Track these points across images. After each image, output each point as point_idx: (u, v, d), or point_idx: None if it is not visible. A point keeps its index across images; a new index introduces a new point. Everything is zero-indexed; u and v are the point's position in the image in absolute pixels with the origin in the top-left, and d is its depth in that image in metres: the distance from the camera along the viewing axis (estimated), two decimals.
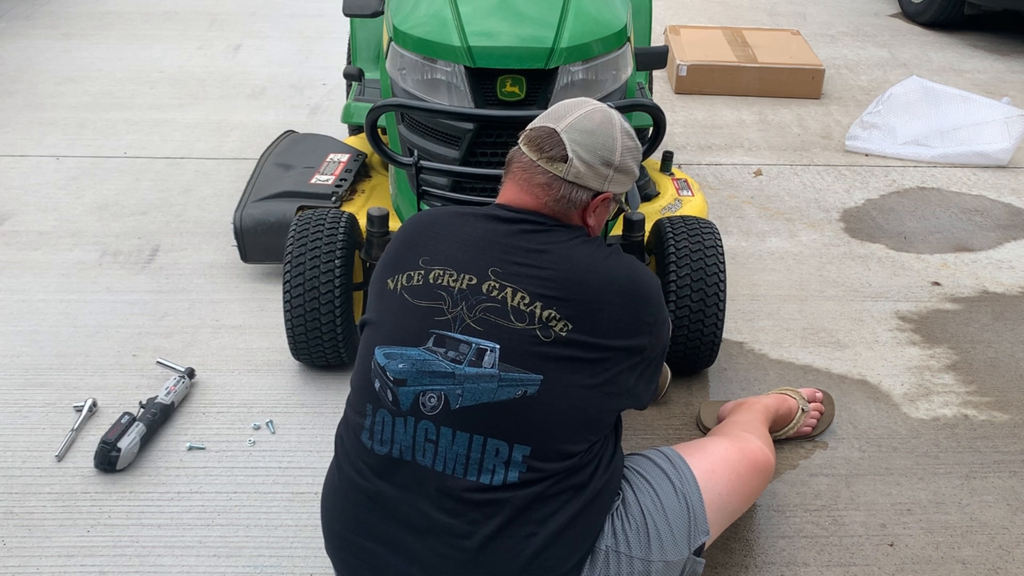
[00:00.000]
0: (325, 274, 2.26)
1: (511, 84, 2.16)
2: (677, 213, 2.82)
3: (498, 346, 1.49)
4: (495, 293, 1.52)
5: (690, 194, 2.92)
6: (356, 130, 3.44)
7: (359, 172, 2.95)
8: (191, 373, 2.40)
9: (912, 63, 5.03)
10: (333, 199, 2.76)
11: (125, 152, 3.73)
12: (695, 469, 1.68)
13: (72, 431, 2.22)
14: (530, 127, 1.66)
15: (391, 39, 2.32)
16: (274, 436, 2.26)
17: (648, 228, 2.50)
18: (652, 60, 2.72)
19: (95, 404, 2.31)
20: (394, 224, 2.46)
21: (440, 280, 1.55)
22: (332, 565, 1.66)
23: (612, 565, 1.54)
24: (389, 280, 1.61)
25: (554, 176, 1.60)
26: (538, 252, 1.56)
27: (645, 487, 1.65)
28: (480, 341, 1.49)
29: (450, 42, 2.14)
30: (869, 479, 2.18)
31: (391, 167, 2.71)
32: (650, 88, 3.43)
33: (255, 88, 4.43)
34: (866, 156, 3.90)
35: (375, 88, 2.99)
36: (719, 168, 3.76)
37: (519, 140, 1.66)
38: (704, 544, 1.63)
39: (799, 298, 2.89)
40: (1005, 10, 5.33)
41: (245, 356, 2.54)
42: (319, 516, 1.99)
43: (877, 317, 2.80)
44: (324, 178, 2.86)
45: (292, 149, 3.08)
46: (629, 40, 2.33)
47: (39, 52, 4.82)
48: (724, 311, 2.31)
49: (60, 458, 2.16)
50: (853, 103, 4.45)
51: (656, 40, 4.73)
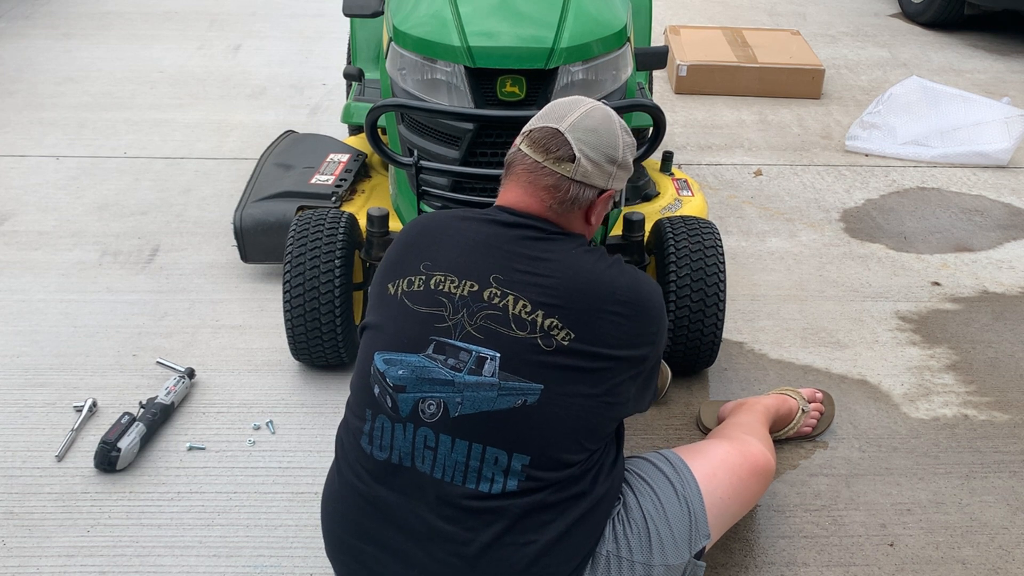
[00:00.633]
0: (325, 274, 2.26)
1: (511, 84, 2.16)
2: (677, 213, 2.82)
3: (498, 354, 1.48)
4: (496, 301, 1.51)
5: (690, 194, 2.92)
6: (356, 130, 3.44)
7: (359, 172, 2.95)
8: (191, 373, 2.40)
9: (912, 63, 5.03)
10: (333, 199, 2.76)
11: (125, 152, 3.73)
12: (696, 472, 1.68)
13: (72, 431, 2.22)
14: (530, 128, 1.64)
15: (391, 39, 2.32)
16: (274, 436, 2.26)
17: (648, 228, 2.50)
18: (652, 60, 2.72)
19: (95, 404, 2.31)
20: (394, 224, 2.46)
21: (441, 286, 1.54)
22: (332, 568, 1.66)
23: (613, 570, 1.54)
24: (390, 285, 1.60)
25: (562, 176, 1.59)
26: (540, 260, 1.54)
27: (646, 490, 1.64)
28: (480, 349, 1.48)
29: (450, 42, 2.14)
30: (869, 479, 2.18)
31: (391, 167, 2.71)
32: (650, 88, 3.43)
33: (255, 88, 4.43)
34: (866, 156, 3.90)
35: (375, 88, 2.99)
36: (719, 168, 3.76)
37: (518, 143, 1.64)
38: (705, 547, 1.63)
39: (799, 298, 2.89)
40: (1005, 10, 5.33)
41: (245, 356, 2.54)
42: (319, 517, 1.99)
43: (877, 317, 2.80)
44: (324, 178, 2.86)
45: (292, 149, 3.08)
46: (629, 40, 2.33)
47: (39, 52, 4.82)
48: (724, 311, 2.30)
49: (60, 458, 2.16)
50: (853, 103, 4.45)
51: (656, 40, 4.73)
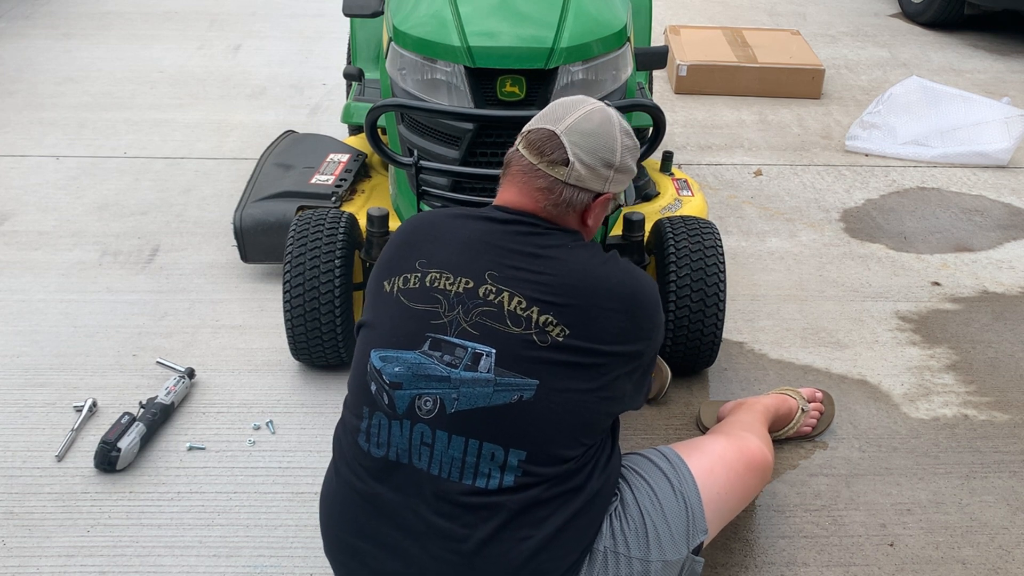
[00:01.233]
0: (325, 274, 2.26)
1: (511, 84, 2.16)
2: (677, 213, 2.82)
3: (494, 350, 1.48)
4: (492, 297, 1.51)
5: (690, 194, 2.92)
6: (356, 130, 3.44)
7: (359, 172, 2.95)
8: (191, 373, 2.40)
9: (912, 63, 5.03)
10: (333, 199, 2.76)
11: (125, 152, 3.73)
12: (693, 468, 1.68)
13: (72, 431, 2.22)
14: (528, 128, 1.63)
15: (391, 39, 2.32)
16: (274, 436, 2.26)
17: (648, 228, 2.50)
18: (652, 60, 2.72)
19: (95, 404, 2.31)
20: (394, 224, 2.46)
21: (437, 283, 1.54)
22: (331, 567, 1.66)
23: (611, 566, 1.54)
24: (385, 282, 1.60)
25: (555, 180, 1.58)
26: (535, 256, 1.54)
27: (643, 487, 1.64)
28: (476, 345, 1.49)
29: (450, 42, 2.14)
30: (869, 479, 2.18)
31: (391, 167, 2.71)
32: (650, 88, 3.43)
33: (255, 88, 4.43)
34: (866, 156, 3.90)
35: (375, 88, 2.99)
36: (719, 168, 3.76)
37: (517, 143, 1.64)
38: (703, 543, 1.63)
39: (799, 298, 2.89)
40: (1005, 10, 5.33)
41: (245, 356, 2.54)
42: (318, 517, 2.00)
43: (877, 317, 2.80)
44: (324, 178, 2.86)
45: (292, 149, 3.08)
46: (629, 40, 2.33)
47: (39, 52, 4.82)
48: (724, 311, 2.31)
49: (60, 458, 2.16)
50: (853, 103, 4.45)
51: (656, 40, 4.72)
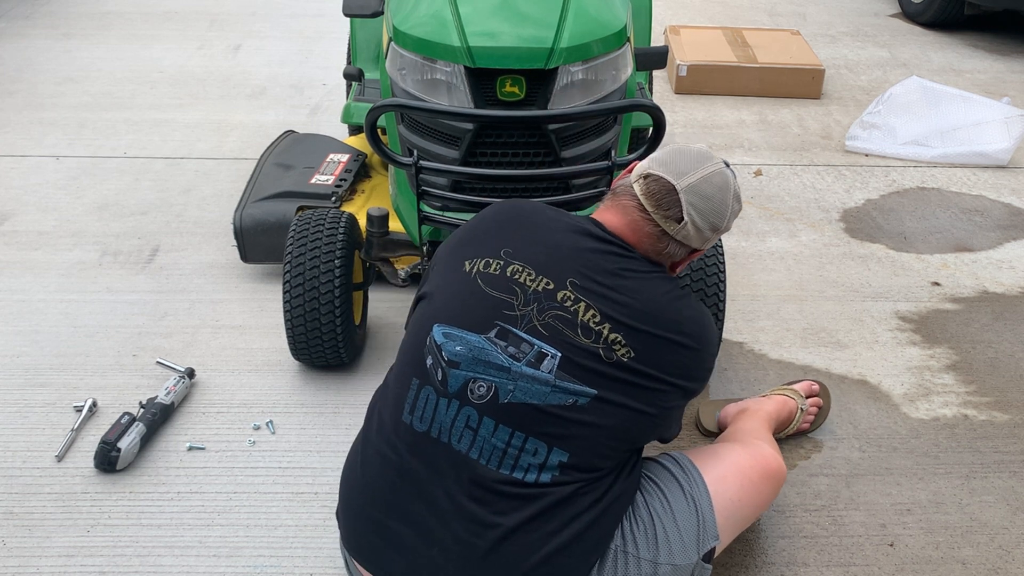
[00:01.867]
0: (325, 274, 2.26)
1: (511, 84, 2.16)
2: None
3: (560, 354, 1.50)
4: (568, 304, 1.53)
5: None
6: (356, 130, 3.44)
7: (359, 172, 2.95)
8: (191, 373, 2.40)
9: (912, 63, 5.03)
10: (333, 199, 2.76)
11: (125, 152, 3.73)
12: (706, 474, 1.69)
13: (72, 431, 2.22)
14: (647, 172, 1.65)
15: (391, 39, 2.31)
16: (274, 436, 2.26)
17: None
18: (652, 60, 2.72)
19: (95, 404, 2.31)
20: (394, 224, 2.46)
21: (518, 276, 1.56)
22: (342, 542, 1.63)
23: (620, 565, 1.55)
24: (467, 261, 1.61)
25: (664, 233, 1.63)
26: (618, 276, 1.58)
27: (654, 490, 1.65)
28: (543, 345, 1.51)
29: (450, 42, 2.14)
30: (869, 479, 2.18)
31: (391, 167, 2.71)
32: (650, 88, 3.43)
33: (255, 88, 4.43)
34: (866, 156, 3.90)
35: (375, 88, 2.99)
36: None
37: (632, 180, 1.66)
38: (714, 549, 1.63)
39: (799, 298, 2.89)
40: (1005, 10, 5.32)
41: (245, 356, 2.54)
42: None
43: (877, 317, 2.80)
44: (324, 178, 2.86)
45: (292, 149, 3.08)
46: (629, 40, 2.33)
47: (39, 52, 4.82)
48: (724, 311, 2.30)
49: (60, 458, 2.16)
50: (853, 103, 4.45)
51: (656, 40, 4.73)
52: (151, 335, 2.61)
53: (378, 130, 2.21)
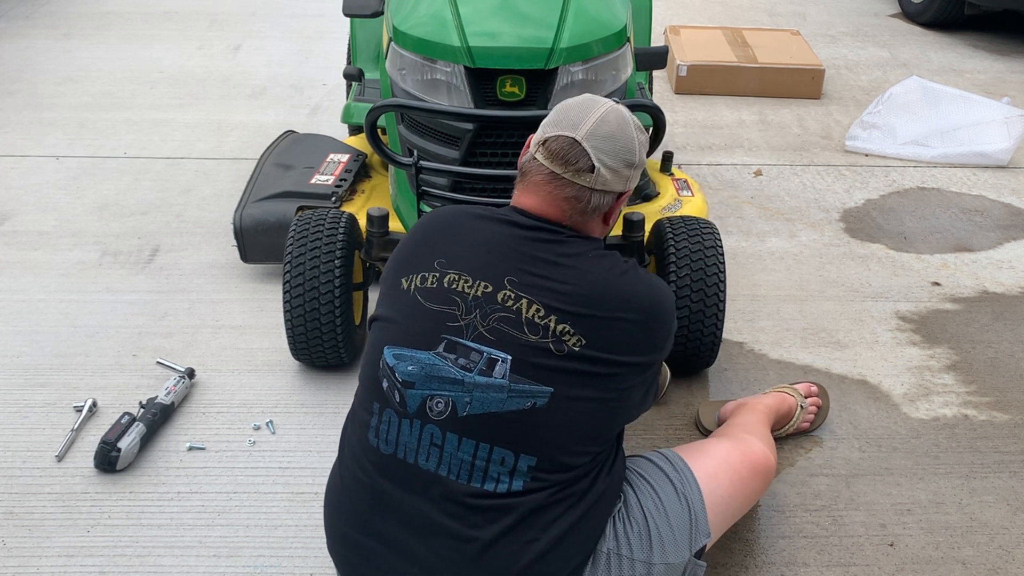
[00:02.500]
0: (325, 274, 2.26)
1: (511, 84, 2.16)
2: (677, 213, 2.82)
3: (510, 357, 1.48)
4: (510, 303, 1.51)
5: (690, 194, 2.92)
6: (356, 130, 3.44)
7: (359, 172, 2.95)
8: (191, 373, 2.40)
9: (912, 63, 5.03)
10: (333, 199, 2.76)
11: (125, 152, 3.73)
12: (696, 471, 1.68)
13: (72, 431, 2.22)
14: (544, 137, 1.60)
15: (391, 39, 2.32)
16: (274, 436, 2.26)
17: (648, 228, 2.50)
18: (652, 60, 2.72)
19: (95, 404, 2.31)
20: (394, 224, 2.46)
21: (455, 285, 1.54)
22: (333, 564, 1.66)
23: (614, 568, 1.54)
24: (403, 279, 1.59)
25: (582, 187, 1.58)
26: (555, 264, 1.54)
27: (646, 489, 1.64)
28: (492, 351, 1.49)
29: (450, 42, 2.14)
30: (869, 479, 2.18)
31: (391, 167, 2.71)
32: (650, 88, 3.43)
33: (255, 88, 4.43)
34: (866, 156, 3.90)
35: (375, 88, 2.99)
36: (719, 168, 3.76)
37: (533, 151, 1.62)
38: (705, 546, 1.63)
39: (799, 298, 2.89)
40: (1005, 10, 5.32)
41: (245, 356, 2.54)
42: (319, 516, 2.00)
43: (877, 317, 2.80)
44: (324, 178, 2.86)
45: (292, 149, 3.08)
46: (629, 40, 2.33)
47: (39, 52, 4.82)
48: (724, 311, 2.31)
49: (60, 458, 2.16)
50: (853, 103, 4.45)
51: (656, 40, 4.72)
52: (151, 335, 2.61)
53: (378, 130, 2.21)
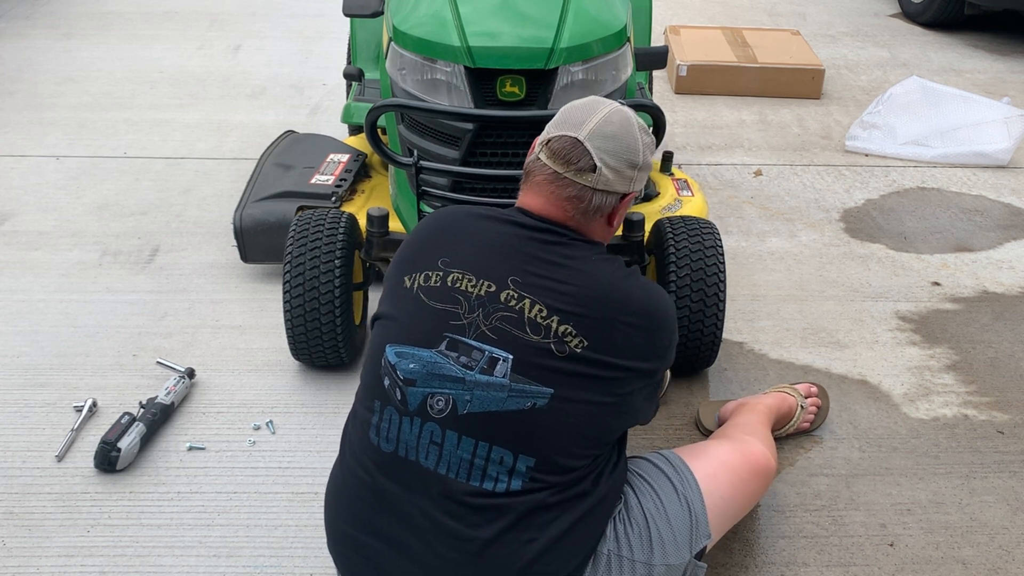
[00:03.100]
0: (325, 274, 2.26)
1: (511, 84, 2.16)
2: (677, 213, 2.82)
3: (511, 356, 1.48)
4: (513, 303, 1.51)
5: (690, 194, 2.92)
6: (356, 130, 3.44)
7: (359, 172, 2.95)
8: (191, 373, 2.40)
9: (912, 63, 5.03)
10: (333, 199, 2.76)
11: (125, 152, 3.73)
12: (697, 472, 1.68)
13: (72, 431, 2.22)
14: (548, 137, 1.61)
15: (391, 39, 2.32)
16: (274, 436, 2.26)
17: (648, 228, 2.50)
18: (652, 60, 2.72)
19: (95, 404, 2.31)
20: (394, 224, 2.46)
21: (458, 284, 1.54)
22: (333, 562, 1.66)
23: (614, 569, 1.54)
24: (406, 278, 1.59)
25: (584, 187, 1.58)
26: (558, 265, 1.55)
27: (647, 490, 1.65)
28: (493, 350, 1.49)
29: (450, 42, 2.14)
30: (869, 479, 2.18)
31: (391, 167, 2.71)
32: (650, 88, 3.43)
33: (255, 88, 4.43)
34: (866, 156, 3.90)
35: (375, 88, 2.99)
36: (719, 168, 3.76)
37: (536, 151, 1.63)
38: (705, 548, 1.63)
39: (799, 298, 2.89)
40: (1005, 10, 5.33)
41: (245, 356, 2.54)
42: (319, 516, 2.00)
43: (877, 317, 2.80)
44: (324, 178, 2.86)
45: (292, 149, 3.08)
46: (629, 40, 2.33)
47: (39, 52, 4.82)
48: (724, 311, 2.31)
49: (60, 458, 2.16)
50: (853, 103, 4.45)
51: (656, 40, 4.72)
52: (151, 335, 2.61)
53: (378, 130, 2.21)
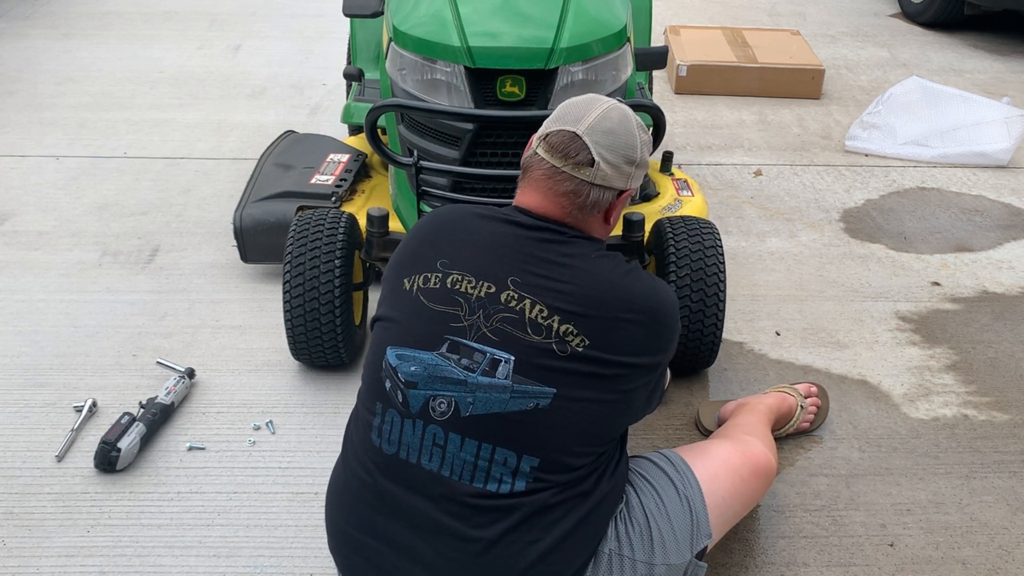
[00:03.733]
0: (325, 274, 2.26)
1: (511, 84, 2.16)
2: (677, 213, 2.82)
3: (513, 357, 1.48)
4: (513, 304, 1.50)
5: (690, 194, 2.92)
6: (356, 130, 3.44)
7: (359, 172, 2.95)
8: (191, 373, 2.40)
9: (912, 63, 5.03)
10: (333, 199, 2.76)
11: (125, 152, 3.73)
12: (698, 472, 1.68)
13: (72, 431, 2.22)
14: (546, 132, 1.61)
15: (391, 39, 2.32)
16: (274, 436, 2.26)
17: (648, 228, 2.50)
18: (652, 60, 2.72)
19: (95, 404, 2.31)
20: (394, 224, 2.46)
21: (458, 286, 1.54)
22: (334, 563, 1.66)
23: (615, 568, 1.54)
24: (406, 280, 1.59)
25: (581, 181, 1.58)
26: (558, 264, 1.54)
27: (648, 490, 1.65)
28: (495, 351, 1.49)
29: (450, 42, 2.14)
30: (869, 479, 2.18)
31: (391, 167, 2.71)
32: (650, 88, 3.43)
33: (255, 88, 4.43)
34: (866, 156, 3.90)
35: (375, 88, 2.99)
36: (719, 168, 3.76)
37: (535, 146, 1.62)
38: (706, 547, 1.63)
39: (799, 298, 2.89)
40: (1005, 10, 5.33)
41: (245, 356, 2.54)
42: (319, 516, 2.00)
43: (877, 317, 2.80)
44: (324, 178, 2.86)
45: (292, 149, 3.08)
46: (629, 40, 2.33)
47: (39, 52, 4.82)
48: (724, 311, 2.31)
49: (60, 458, 2.16)
50: (853, 103, 4.45)
51: (656, 40, 4.72)
52: (151, 335, 2.61)
53: (378, 130, 2.21)
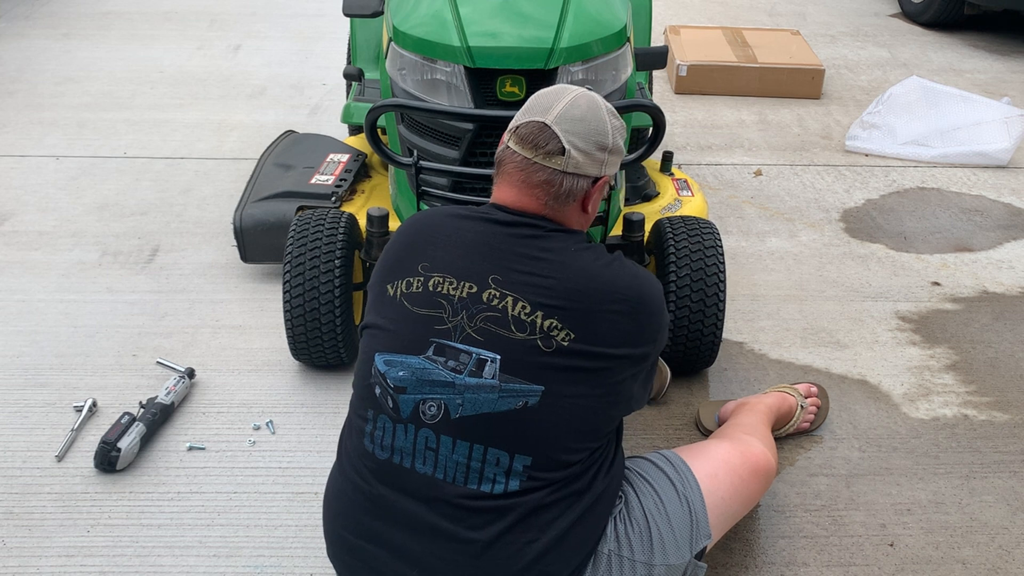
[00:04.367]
0: (325, 274, 2.26)
1: (511, 84, 2.16)
2: (677, 213, 2.82)
3: (499, 356, 1.48)
4: (496, 302, 1.50)
5: (690, 194, 2.92)
6: (356, 130, 3.44)
7: (359, 172, 2.95)
8: (191, 373, 2.40)
9: (912, 63, 5.03)
10: (333, 199, 2.76)
11: (125, 152, 3.73)
12: (697, 472, 1.68)
13: (72, 431, 2.22)
14: (516, 124, 1.62)
15: (391, 39, 2.32)
16: (274, 436, 2.26)
17: (648, 228, 2.50)
18: (652, 60, 2.72)
19: (95, 404, 2.31)
20: (394, 224, 2.46)
21: (440, 288, 1.53)
22: (333, 568, 1.66)
23: (615, 569, 1.54)
24: (389, 286, 1.59)
25: (554, 170, 1.57)
26: (538, 259, 1.54)
27: (647, 490, 1.64)
28: (481, 351, 1.48)
29: (450, 42, 2.14)
30: (869, 479, 2.18)
31: (391, 167, 2.71)
32: (650, 88, 3.43)
33: (255, 88, 4.43)
34: (866, 156, 3.90)
35: (375, 88, 2.99)
36: (719, 168, 3.76)
37: (506, 140, 1.63)
38: (706, 548, 1.63)
39: (799, 298, 2.89)
40: (1005, 10, 5.33)
41: (245, 356, 2.54)
42: (319, 516, 2.00)
43: (877, 317, 2.80)
44: (324, 178, 2.86)
45: (292, 149, 3.08)
46: (629, 40, 2.33)
47: (39, 52, 4.82)
48: (724, 311, 2.31)
49: (60, 458, 2.16)
50: (853, 103, 4.45)
51: (656, 40, 4.73)
52: (151, 335, 2.61)
53: (378, 130, 2.21)
